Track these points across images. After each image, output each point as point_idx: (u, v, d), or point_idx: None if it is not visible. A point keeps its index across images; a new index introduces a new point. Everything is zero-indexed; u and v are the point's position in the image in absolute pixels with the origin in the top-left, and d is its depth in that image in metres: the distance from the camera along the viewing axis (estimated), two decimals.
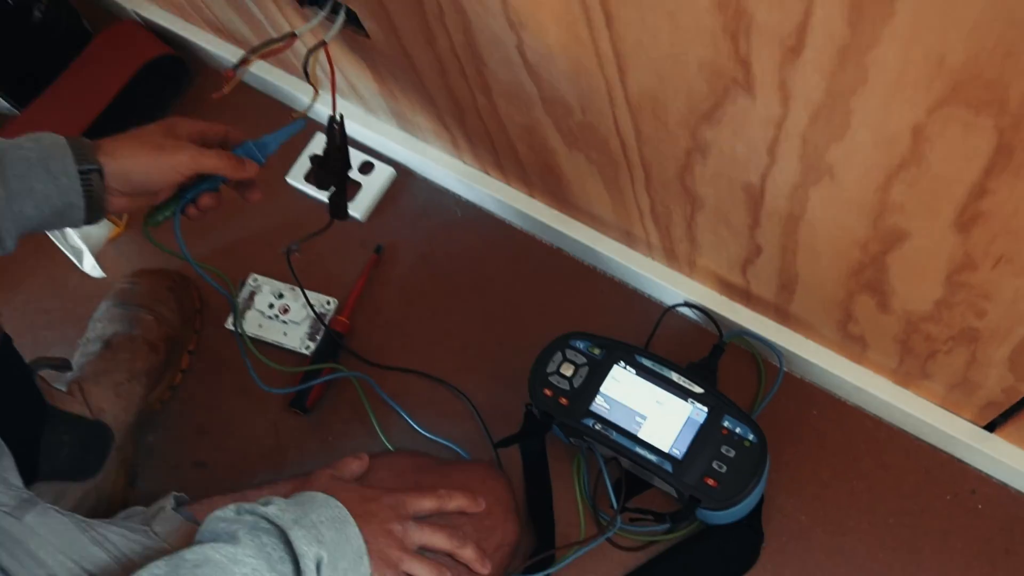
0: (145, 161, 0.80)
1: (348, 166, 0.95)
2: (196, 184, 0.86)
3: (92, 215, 0.80)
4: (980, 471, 0.96)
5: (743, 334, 1.00)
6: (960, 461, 0.97)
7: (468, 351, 1.10)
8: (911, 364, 0.87)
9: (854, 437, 1.00)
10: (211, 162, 0.84)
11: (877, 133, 0.57)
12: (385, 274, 1.16)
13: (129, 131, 0.82)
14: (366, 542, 0.79)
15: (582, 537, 0.99)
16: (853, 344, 0.91)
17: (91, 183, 0.77)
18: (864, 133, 0.58)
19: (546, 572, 0.96)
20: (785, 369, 1.01)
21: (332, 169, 0.94)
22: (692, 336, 1.05)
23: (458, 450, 1.05)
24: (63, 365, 1.02)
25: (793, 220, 0.75)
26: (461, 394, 1.07)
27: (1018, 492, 0.95)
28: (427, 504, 0.87)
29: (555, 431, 0.96)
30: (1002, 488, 0.95)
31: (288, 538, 0.72)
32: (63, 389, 1.03)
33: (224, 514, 0.74)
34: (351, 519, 0.79)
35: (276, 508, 0.74)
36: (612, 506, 0.95)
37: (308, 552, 0.72)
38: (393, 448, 1.06)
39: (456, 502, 0.89)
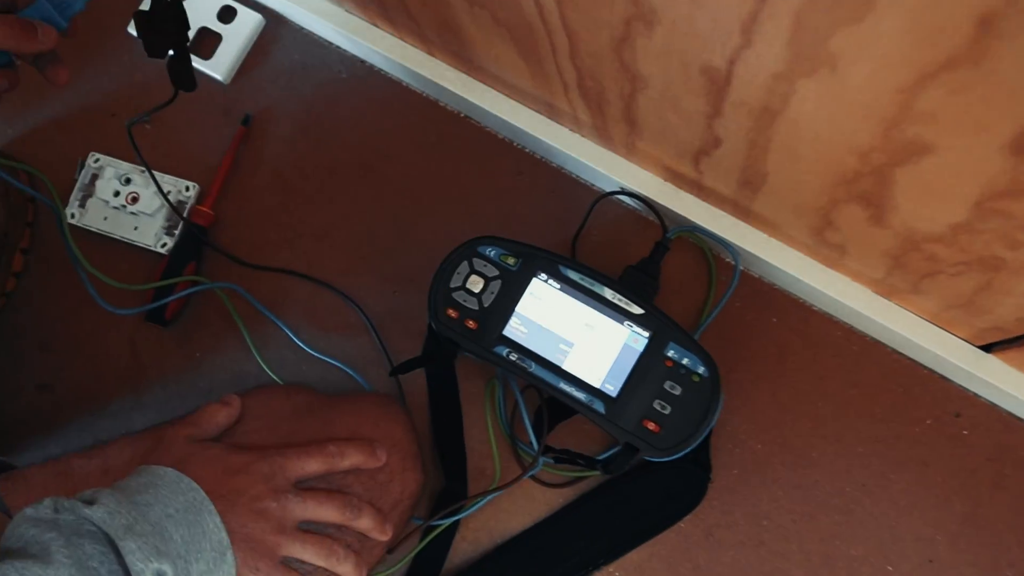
0: None
1: (186, 24, 0.71)
2: None
3: None
4: (968, 391, 0.81)
5: (692, 229, 0.81)
6: (945, 379, 0.81)
7: (360, 246, 0.90)
8: (901, 279, 0.70)
9: (821, 351, 0.83)
10: (6, 37, 0.61)
11: (919, 19, 0.36)
12: (256, 151, 0.93)
13: None
14: (231, 531, 0.63)
15: (498, 476, 0.83)
16: (829, 251, 0.73)
17: None
18: (896, 18, 0.37)
19: (456, 517, 0.81)
20: (741, 268, 0.83)
21: (163, 30, 0.70)
22: (630, 230, 0.86)
23: (352, 373, 0.87)
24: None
25: (769, 115, 0.55)
26: (351, 301, 0.88)
27: (1010, 416, 0.80)
28: (312, 466, 0.70)
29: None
30: (991, 411, 0.81)
31: (117, 550, 0.55)
32: None
33: (37, 513, 0.57)
34: (209, 504, 0.62)
35: (104, 510, 0.56)
36: (531, 445, 0.79)
37: (145, 569, 0.55)
38: (272, 372, 0.87)
39: (350, 459, 0.72)
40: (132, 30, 0.97)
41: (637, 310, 0.73)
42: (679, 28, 0.51)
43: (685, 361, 0.72)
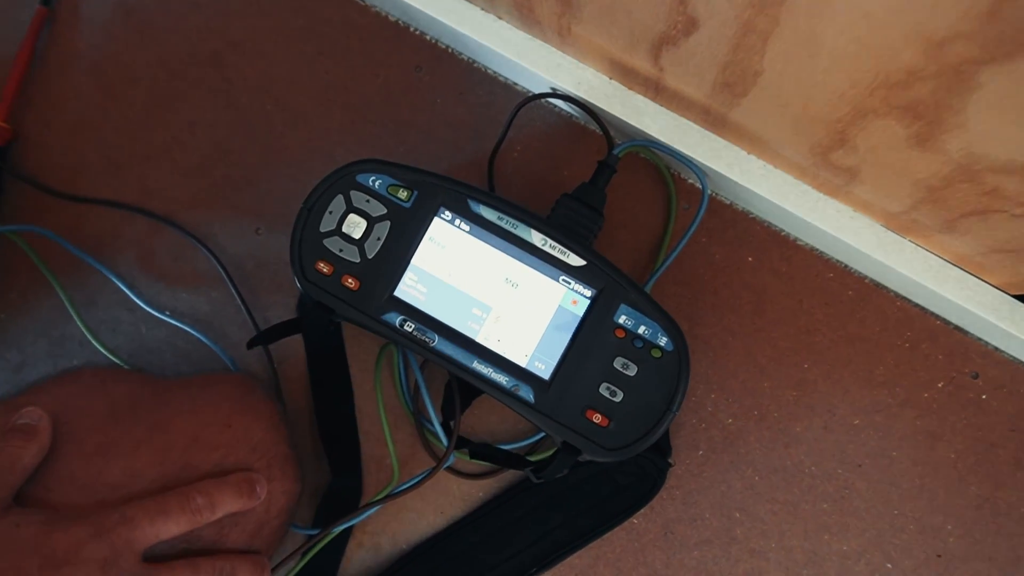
0: None
1: None
2: None
3: None
4: (990, 347, 0.64)
5: (646, 144, 0.61)
6: (963, 332, 0.64)
7: (211, 170, 0.68)
8: (930, 215, 0.51)
9: (808, 297, 0.65)
10: None
11: None
12: (64, 42, 0.70)
13: None
14: None
15: (397, 470, 0.64)
16: (833, 175, 0.54)
17: None
18: None
19: (347, 523, 0.62)
20: (710, 192, 0.64)
21: None
22: (565, 145, 0.66)
23: (205, 340, 0.66)
24: None
25: None
26: (200, 244, 0.67)
27: None
28: (171, 529, 0.50)
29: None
30: (1018, 370, 0.64)
31: None
32: None
33: None
34: None
35: None
36: (438, 437, 0.60)
37: None
38: (100, 342, 0.66)
39: (223, 508, 0.52)
40: None
41: (577, 260, 0.53)
42: None
43: (642, 330, 0.53)
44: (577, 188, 0.60)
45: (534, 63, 0.60)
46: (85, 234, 0.67)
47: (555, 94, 0.62)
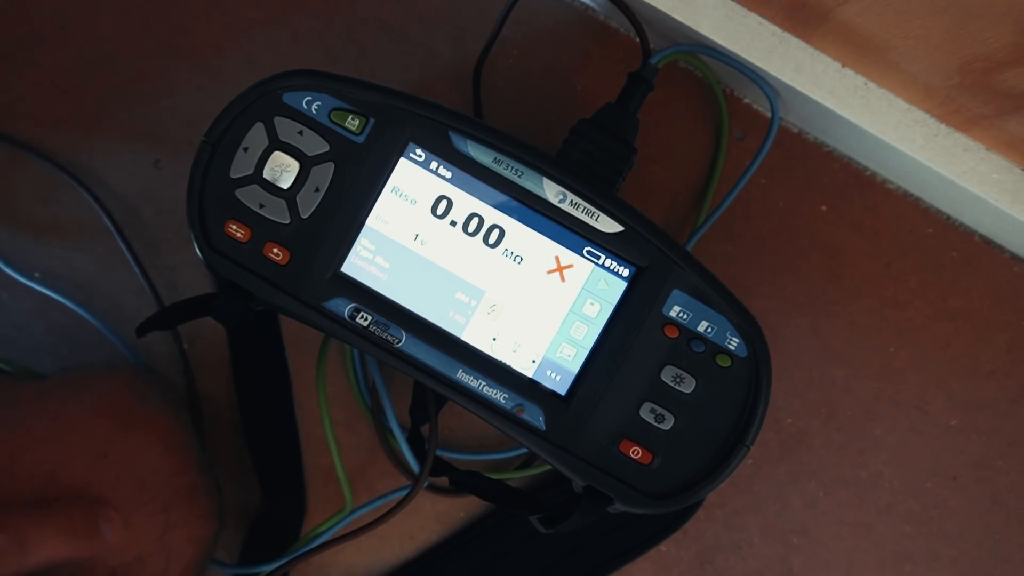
0: None
1: None
2: None
3: None
4: None
5: (694, 50, 0.44)
6: None
7: (90, 80, 0.50)
8: None
9: (899, 261, 0.49)
10: None
11: None
12: None
13: None
14: None
15: (349, 497, 0.48)
16: (981, 101, 0.37)
17: None
18: None
19: (285, 559, 0.46)
20: (780, 120, 0.47)
21: None
22: (580, 52, 0.48)
23: (88, 316, 0.48)
24: None
25: None
26: (79, 183, 0.49)
27: None
28: None
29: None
30: None
31: None
32: None
33: None
34: None
35: None
36: (408, 463, 0.44)
37: None
38: None
39: (41, 551, 0.35)
40: None
41: (610, 225, 0.36)
42: None
43: (704, 327, 0.36)
44: (599, 111, 0.42)
45: None
46: None
47: None
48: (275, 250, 0.36)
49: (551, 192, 0.36)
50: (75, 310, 0.48)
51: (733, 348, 0.36)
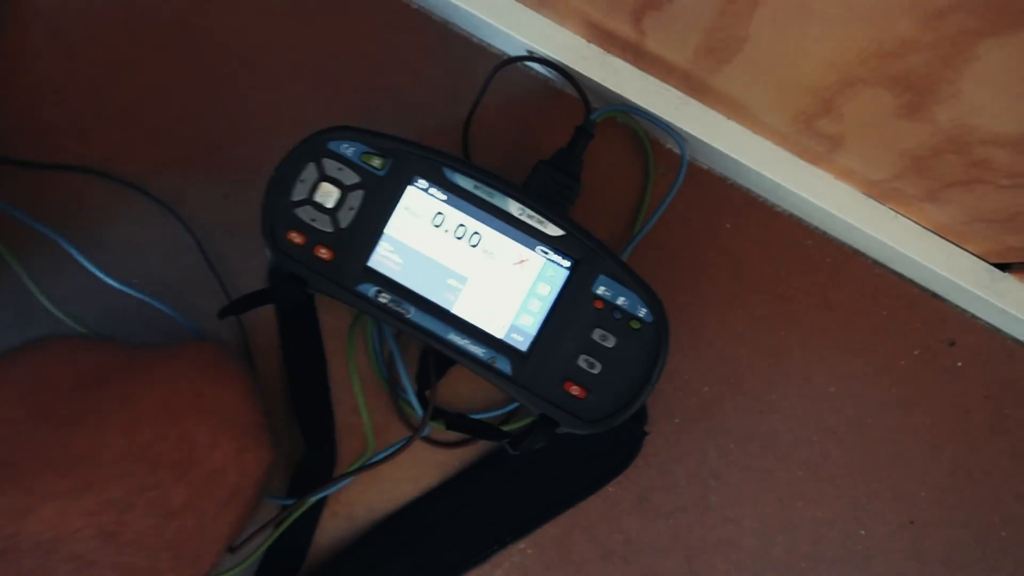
0: None
1: None
2: None
3: None
4: (967, 314, 0.64)
5: (625, 109, 0.60)
6: (940, 299, 0.64)
7: (178, 134, 0.66)
8: (914, 184, 0.51)
9: (786, 264, 0.65)
10: None
11: None
12: (22, 1, 0.67)
13: None
14: None
15: (371, 440, 0.64)
16: (815, 143, 0.53)
17: None
18: None
19: (322, 493, 0.62)
20: (689, 159, 0.63)
21: None
22: (541, 110, 0.65)
23: (171, 312, 0.64)
24: None
25: None
26: (167, 209, 0.65)
27: (1016, 344, 0.64)
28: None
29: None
30: (994, 337, 0.64)
31: None
32: None
33: None
34: None
35: None
36: (413, 407, 0.59)
37: None
38: (62, 311, 0.64)
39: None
40: None
41: (555, 230, 0.52)
42: None
43: (621, 301, 0.52)
44: (554, 154, 0.59)
45: (510, 25, 0.58)
46: (48, 201, 0.65)
47: (532, 57, 0.61)
48: (322, 251, 0.53)
49: (514, 208, 0.52)
50: (164, 310, 0.64)
51: (642, 316, 0.52)
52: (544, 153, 0.59)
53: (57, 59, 0.66)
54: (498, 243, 0.53)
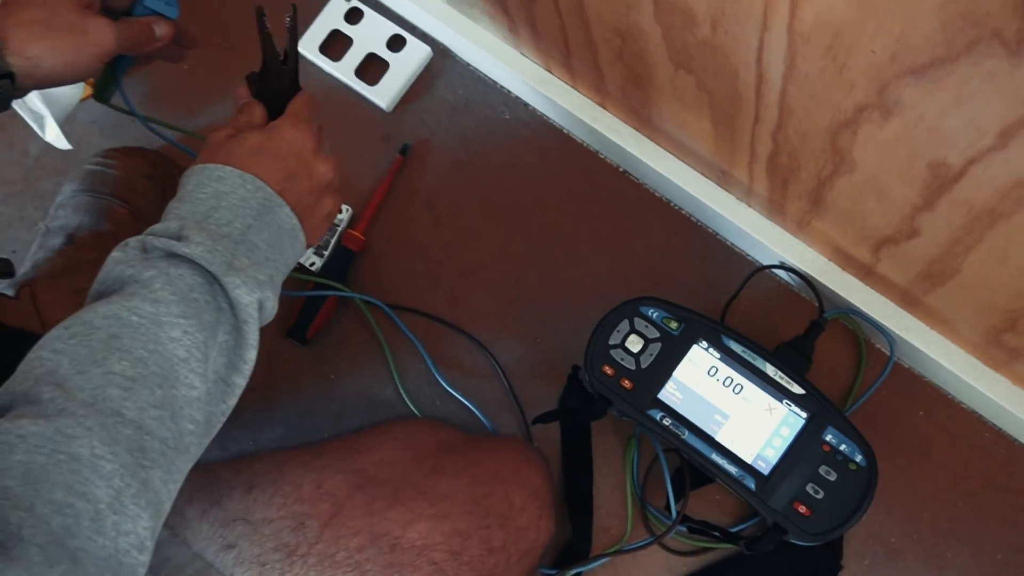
0: (64, 59, 0.61)
1: (296, 85, 0.67)
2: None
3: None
4: None
5: (850, 312, 0.80)
6: None
7: (506, 288, 0.90)
8: None
9: (967, 449, 0.82)
10: (129, 42, 0.65)
11: None
12: (411, 181, 0.95)
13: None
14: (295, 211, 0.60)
15: (626, 535, 0.82)
16: (999, 352, 0.72)
17: (1, 89, 0.59)
18: None
19: (577, 570, 0.80)
20: (895, 359, 0.82)
21: (275, 90, 0.66)
22: (782, 305, 0.86)
23: (481, 417, 0.87)
24: (5, 271, 0.82)
25: (991, 216, 0.54)
26: (484, 350, 0.88)
27: None
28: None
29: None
30: None
31: (221, 285, 0.54)
32: (10, 294, 0.84)
33: (127, 255, 0.54)
34: (278, 198, 0.59)
35: (202, 248, 0.53)
36: (668, 506, 0.78)
37: (250, 300, 0.54)
38: (410, 401, 0.88)
39: None
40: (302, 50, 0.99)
41: (797, 389, 0.72)
42: (923, 122, 0.50)
43: (843, 447, 0.71)
44: (793, 339, 0.79)
45: (771, 241, 0.80)
46: (404, 324, 0.90)
47: (782, 266, 0.82)
48: (626, 382, 0.74)
49: (769, 369, 0.73)
50: (477, 414, 0.86)
51: (858, 460, 0.70)
52: (782, 337, 0.79)
53: (427, 225, 0.93)
54: (754, 393, 0.73)
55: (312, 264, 0.91)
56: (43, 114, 0.94)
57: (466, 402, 0.87)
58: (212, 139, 0.61)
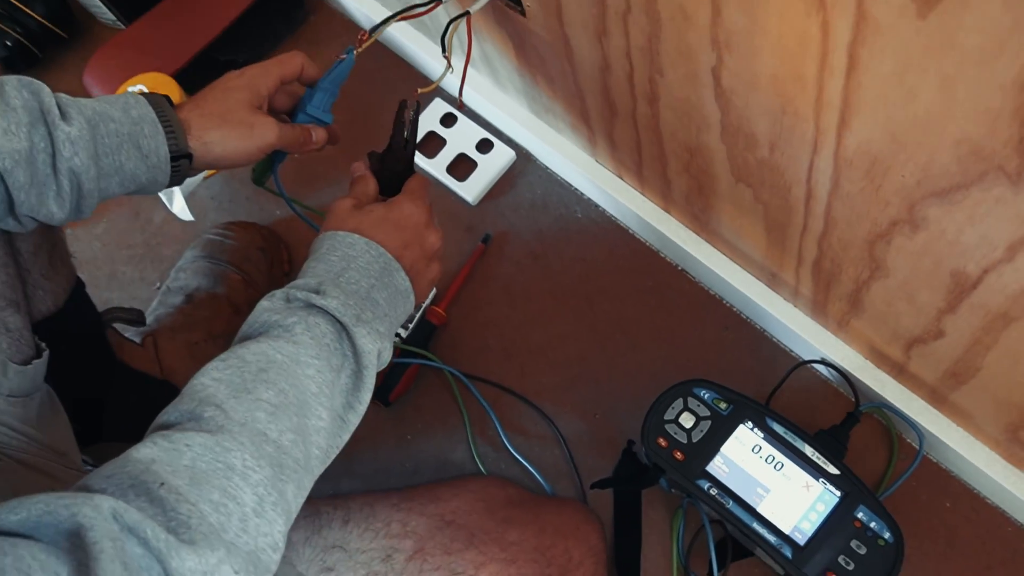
0: (233, 147, 0.73)
1: (411, 168, 0.79)
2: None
3: (171, 186, 0.75)
4: None
5: (883, 407, 0.89)
6: None
7: (571, 368, 1.00)
8: None
9: (990, 542, 0.89)
10: (290, 142, 0.77)
11: None
12: (490, 268, 1.06)
13: (213, 95, 0.74)
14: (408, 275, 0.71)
15: None
16: (1019, 449, 0.80)
17: (179, 167, 0.72)
18: None
19: None
20: (924, 452, 0.90)
21: (392, 169, 0.78)
22: (821, 397, 0.94)
23: (541, 480, 0.96)
24: (137, 319, 0.95)
25: (1005, 319, 0.63)
26: (549, 420, 0.98)
27: None
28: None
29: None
30: None
31: (349, 335, 0.64)
32: (137, 341, 0.96)
33: (273, 304, 0.64)
34: (395, 263, 0.70)
35: (337, 302, 0.63)
36: (710, 573, 0.86)
37: (372, 349, 0.64)
38: (479, 462, 0.97)
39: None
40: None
41: (833, 470, 0.80)
42: (945, 236, 0.60)
43: (873, 525, 0.79)
44: (830, 427, 0.88)
45: (813, 339, 0.90)
46: (477, 391, 1.00)
47: (823, 362, 0.92)
48: (677, 454, 0.83)
49: (808, 451, 0.81)
50: (538, 478, 0.95)
51: (887, 536, 0.78)
52: (820, 426, 0.88)
53: (502, 307, 1.04)
54: (794, 471, 0.81)
55: (397, 335, 1.02)
56: (172, 189, 1.07)
57: (528, 466, 0.96)
58: (337, 208, 0.73)
